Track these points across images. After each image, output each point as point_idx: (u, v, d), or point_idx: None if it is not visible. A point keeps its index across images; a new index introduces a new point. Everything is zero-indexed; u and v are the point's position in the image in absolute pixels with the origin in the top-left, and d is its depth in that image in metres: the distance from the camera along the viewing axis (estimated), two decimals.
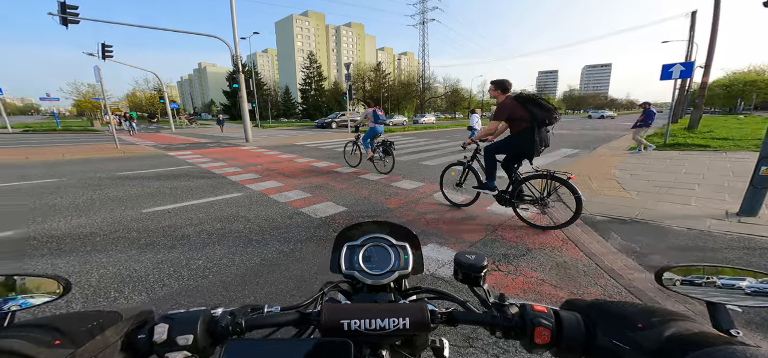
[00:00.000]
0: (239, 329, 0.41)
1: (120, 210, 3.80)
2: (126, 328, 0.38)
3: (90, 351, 0.33)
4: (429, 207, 4.03)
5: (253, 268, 2.38)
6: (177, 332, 0.38)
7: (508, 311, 0.43)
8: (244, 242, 2.85)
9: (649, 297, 1.96)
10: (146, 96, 53.31)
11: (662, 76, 8.51)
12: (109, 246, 2.76)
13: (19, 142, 12.97)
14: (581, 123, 30.70)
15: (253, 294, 2.05)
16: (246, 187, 5.10)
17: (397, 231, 0.66)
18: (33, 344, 0.31)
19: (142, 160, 8.06)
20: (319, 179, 5.73)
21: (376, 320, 0.39)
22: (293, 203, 4.14)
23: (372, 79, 48.81)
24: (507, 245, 2.77)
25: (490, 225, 3.26)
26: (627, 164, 6.52)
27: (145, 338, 0.38)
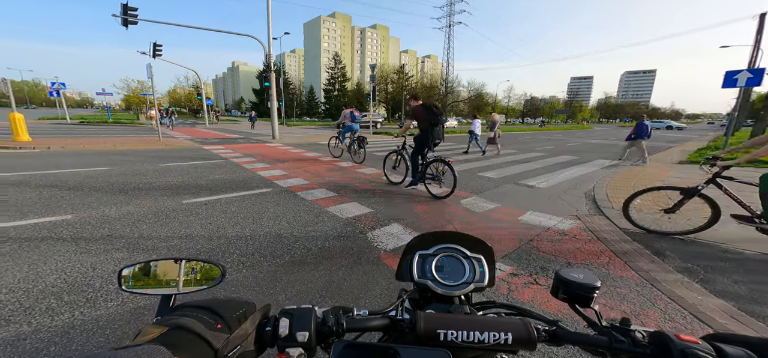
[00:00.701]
0: (341, 330, 0.41)
1: (163, 200, 4.06)
2: (258, 319, 0.41)
3: (238, 338, 0.36)
4: (457, 213, 3.90)
5: (283, 265, 2.41)
6: (296, 328, 0.39)
7: (635, 336, 0.38)
8: (274, 238, 2.91)
9: (720, 324, 1.72)
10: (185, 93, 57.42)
11: (725, 83, 7.68)
12: (154, 234, 2.95)
13: (75, 132, 14.44)
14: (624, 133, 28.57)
15: (284, 292, 2.06)
16: (274, 183, 5.26)
17: (471, 242, 0.63)
18: (203, 324, 0.34)
19: (181, 153, 8.64)
20: (344, 178, 5.78)
21: (475, 332, 0.38)
22: (319, 202, 4.20)
23: (395, 81, 48.89)
24: (544, 257, 2.60)
25: (524, 236, 3.09)
26: (677, 179, 5.93)
27: (271, 331, 0.40)
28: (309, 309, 0.41)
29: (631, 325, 0.40)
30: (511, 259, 2.59)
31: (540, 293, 2.06)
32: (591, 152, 11.35)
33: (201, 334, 0.33)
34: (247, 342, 0.38)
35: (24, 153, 7.67)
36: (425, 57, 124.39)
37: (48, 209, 3.49)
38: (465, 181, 5.78)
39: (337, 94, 53.56)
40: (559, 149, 12.26)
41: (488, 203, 4.30)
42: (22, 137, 9.32)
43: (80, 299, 1.89)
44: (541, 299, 2.00)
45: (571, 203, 4.43)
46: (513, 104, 76.32)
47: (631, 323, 0.40)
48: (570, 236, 3.09)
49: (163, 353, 0.27)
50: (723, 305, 1.89)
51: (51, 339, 1.55)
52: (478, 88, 59.22)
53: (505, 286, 2.15)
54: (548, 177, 6.38)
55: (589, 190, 5.16)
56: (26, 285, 2.00)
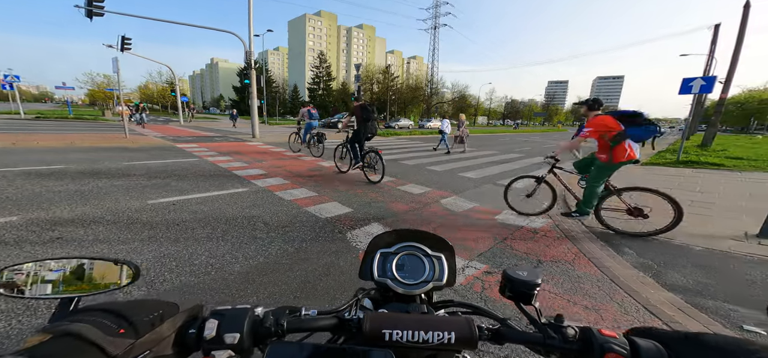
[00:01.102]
0: (281, 330, 0.40)
1: (125, 200, 3.80)
2: (180, 321, 0.38)
3: (148, 343, 0.33)
4: (438, 212, 3.96)
5: (256, 266, 2.34)
6: (225, 330, 0.37)
7: (567, 332, 0.39)
8: (248, 239, 2.81)
9: (668, 315, 1.86)
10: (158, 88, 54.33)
11: (681, 90, 8.32)
12: (112, 236, 2.75)
13: (30, 128, 13.23)
14: None
15: (256, 293, 2.01)
16: (252, 182, 5.09)
17: (432, 241, 0.63)
18: (100, 330, 0.31)
19: (150, 151, 8.13)
20: (325, 178, 5.70)
21: (419, 332, 0.38)
22: (298, 201, 4.11)
23: (380, 81, 48.97)
24: (517, 256, 2.69)
25: (499, 235, 3.18)
26: (639, 180, 6.36)
27: (195, 333, 0.37)
28: (244, 309, 0.39)
29: (564, 321, 0.41)
30: (486, 257, 2.65)
31: None
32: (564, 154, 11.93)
33: (94, 340, 0.30)
34: (162, 346, 0.35)
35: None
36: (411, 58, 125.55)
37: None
38: (446, 181, 5.89)
39: (321, 94, 52.81)
40: (535, 151, 12.81)
41: (467, 203, 4.40)
42: None
43: (19, 306, 1.72)
44: None
45: (544, 202, 4.62)
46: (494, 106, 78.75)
47: (563, 320, 0.42)
48: (541, 234, 3.22)
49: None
50: (672, 298, 2.04)
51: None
52: (461, 90, 60.64)
53: (479, 284, 2.20)
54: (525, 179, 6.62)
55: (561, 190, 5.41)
56: None
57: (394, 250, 0.60)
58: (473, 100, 64.13)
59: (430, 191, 5.04)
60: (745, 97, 48.08)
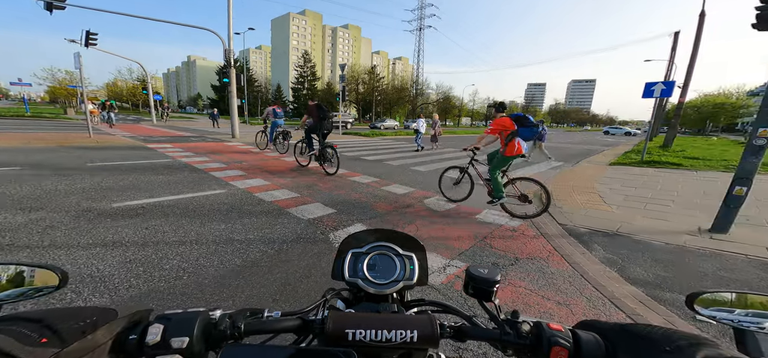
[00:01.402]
0: (238, 333, 0.39)
1: (87, 203, 3.54)
2: (118, 328, 0.36)
3: (77, 351, 0.32)
4: (421, 212, 4.00)
5: (233, 269, 2.26)
6: (172, 334, 0.36)
7: (521, 328, 0.41)
8: (225, 242, 2.71)
9: (631, 308, 1.99)
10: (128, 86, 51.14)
11: (644, 94, 8.93)
12: (71, 242, 2.55)
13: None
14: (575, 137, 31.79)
15: (232, 298, 1.94)
16: (230, 184, 4.91)
17: (404, 241, 0.64)
18: (16, 340, 0.29)
19: (117, 152, 7.63)
20: (308, 178, 5.60)
21: (382, 331, 0.38)
22: (279, 203, 4.01)
23: (366, 81, 48.87)
24: (496, 254, 2.77)
25: (479, 233, 3.27)
26: (607, 179, 6.78)
27: (136, 339, 0.36)
28: (197, 312, 0.38)
29: (520, 317, 0.43)
30: (467, 256, 2.72)
31: None
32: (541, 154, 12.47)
33: (8, 351, 0.28)
34: (96, 354, 0.33)
35: None
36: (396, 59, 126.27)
37: None
38: (430, 181, 5.97)
39: (306, 93, 51.89)
40: None
41: (449, 203, 4.48)
42: None
43: None
44: None
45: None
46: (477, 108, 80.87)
47: (519, 316, 0.43)
48: (519, 233, 3.34)
49: None
50: (635, 291, 2.18)
51: None
52: (446, 91, 61.73)
53: (460, 282, 2.25)
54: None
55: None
56: None
57: (365, 250, 0.60)
58: (457, 101, 65.50)
59: (413, 191, 5.09)
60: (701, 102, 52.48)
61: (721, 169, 7.83)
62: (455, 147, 14.00)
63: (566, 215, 3.92)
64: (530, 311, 1.93)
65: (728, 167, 7.92)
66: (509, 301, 2.04)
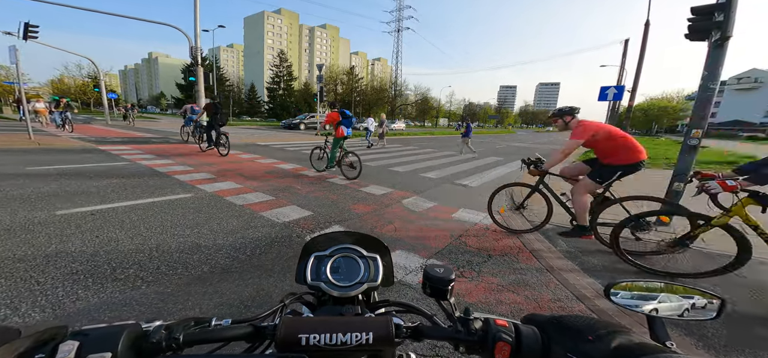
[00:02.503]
0: (175, 344, 0.37)
1: (25, 212, 3.14)
2: (21, 348, 0.32)
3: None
4: (399, 213, 4.02)
5: (199, 276, 2.11)
6: (90, 350, 0.33)
7: (472, 325, 0.42)
8: (190, 248, 2.53)
9: (582, 294, 2.14)
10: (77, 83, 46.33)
11: (600, 97, 9.76)
12: (5, 254, 2.24)
13: None
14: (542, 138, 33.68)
15: (198, 306, 1.81)
16: (197, 187, 4.60)
17: (368, 242, 0.63)
18: None
19: (62, 155, 6.85)
20: (284, 181, 5.41)
21: (337, 334, 0.37)
22: (253, 206, 3.83)
23: (344, 82, 48.39)
24: (470, 252, 2.85)
25: (455, 232, 3.35)
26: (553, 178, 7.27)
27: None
28: (123, 325, 0.35)
29: (471, 314, 0.44)
30: (442, 254, 2.77)
31: (464, 286, 2.24)
32: (513, 154, 13.14)
33: None
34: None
35: None
36: (375, 59, 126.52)
37: None
38: (408, 181, 6.03)
39: (282, 94, 50.23)
40: (488, 151, 13.87)
41: (427, 202, 4.55)
42: None
43: None
44: (464, 290, 2.18)
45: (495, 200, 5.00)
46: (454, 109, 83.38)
47: (471, 313, 0.44)
48: (492, 231, 3.48)
49: None
50: (593, 283, 2.35)
51: None
52: (424, 93, 62.91)
53: None
54: (479, 176, 7.12)
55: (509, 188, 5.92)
56: None
57: (328, 252, 0.60)
58: (435, 102, 67.07)
59: (392, 192, 5.11)
60: (647, 105, 58.36)
61: (663, 167, 8.75)
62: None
63: (535, 213, 4.15)
64: (502, 307, 2.00)
65: (670, 164, 8.87)
66: (482, 297, 2.10)
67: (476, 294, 2.13)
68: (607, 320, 0.39)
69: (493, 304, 2.02)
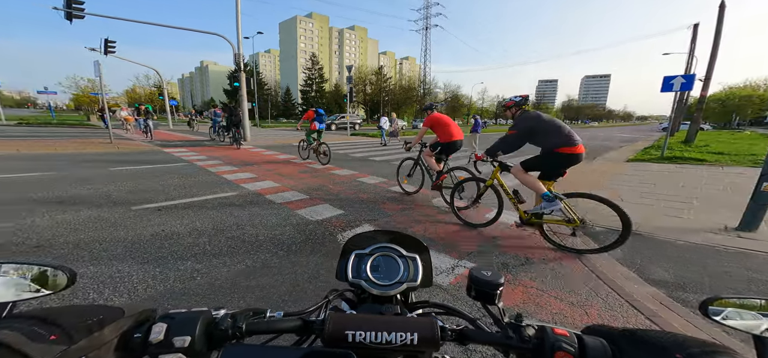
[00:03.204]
0: (239, 333, 0.40)
1: (108, 207, 3.70)
2: (125, 326, 0.37)
3: (84, 348, 0.33)
4: (428, 212, 3.96)
5: (244, 271, 2.30)
6: (175, 333, 0.36)
7: (524, 332, 0.40)
8: (237, 243, 2.77)
9: (651, 310, 1.90)
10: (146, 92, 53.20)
11: (663, 88, 8.54)
12: (93, 244, 2.66)
13: (11, 134, 12.77)
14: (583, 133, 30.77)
15: (243, 298, 1.97)
16: (241, 186, 5.02)
17: (407, 242, 0.64)
18: (27, 337, 0.30)
19: (136, 156, 7.95)
20: (317, 180, 5.66)
21: (382, 333, 0.38)
22: (289, 205, 4.06)
23: (373, 82, 48.99)
24: (506, 254, 2.71)
25: (488, 234, 3.21)
26: (625, 176, 6.52)
27: (141, 337, 0.37)
28: (199, 312, 0.39)
29: (524, 320, 0.42)
30: (474, 256, 2.67)
31: None
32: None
33: (19, 348, 0.29)
34: (102, 352, 0.34)
35: None
36: (403, 59, 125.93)
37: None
38: None
39: (314, 96, 52.51)
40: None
41: (457, 202, 4.41)
42: None
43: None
44: None
45: (532, 199, 4.68)
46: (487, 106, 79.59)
47: (523, 319, 0.42)
48: (529, 233, 3.26)
49: None
50: (655, 292, 2.09)
51: None
52: (454, 90, 61.06)
53: None
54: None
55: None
56: None
57: (368, 251, 0.60)
58: (466, 99, 64.65)
59: (421, 190, 5.04)
60: (725, 95, 49.69)
61: (749, 165, 7.40)
62: None
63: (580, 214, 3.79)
64: (542, 313, 1.88)
65: (757, 162, 7.47)
66: (520, 302, 1.98)
67: (512, 298, 2.02)
68: (701, 338, 0.34)
69: (533, 310, 1.90)
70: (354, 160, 8.42)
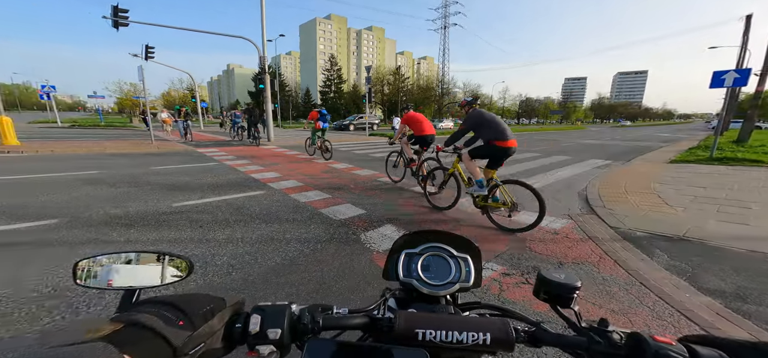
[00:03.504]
0: (317, 327, 0.41)
1: (153, 203, 4.00)
2: (227, 316, 0.40)
3: (202, 336, 0.35)
4: (453, 214, 3.90)
5: (274, 268, 2.38)
6: (268, 325, 0.38)
7: (612, 337, 0.37)
8: (266, 240, 2.88)
9: (707, 321, 1.74)
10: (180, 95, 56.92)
11: (713, 83, 7.77)
12: (142, 238, 2.89)
13: (66, 136, 14.19)
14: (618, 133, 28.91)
15: (275, 294, 2.05)
16: (267, 185, 5.22)
17: (457, 242, 0.63)
18: (163, 321, 0.33)
19: (173, 156, 8.53)
20: (338, 180, 5.76)
21: (453, 332, 0.38)
22: (313, 203, 4.17)
23: (391, 82, 49.00)
24: (537, 257, 2.60)
25: (517, 235, 3.09)
26: (669, 178, 6.02)
27: (241, 328, 0.39)
28: (284, 306, 0.40)
29: (609, 326, 0.40)
30: (503, 259, 2.59)
31: (526, 292, 2.06)
32: (584, 152, 11.47)
33: (159, 331, 0.31)
34: (214, 339, 0.37)
35: (12, 157, 7.52)
36: (421, 58, 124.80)
37: (34, 214, 3.41)
38: None
39: (333, 96, 53.45)
40: (552, 150, 12.37)
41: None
42: (10, 141, 9.14)
43: (61, 303, 1.84)
44: (532, 299, 1.99)
45: (564, 202, 4.46)
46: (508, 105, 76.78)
47: (608, 324, 0.40)
48: (562, 236, 3.10)
49: (110, 351, 0.26)
50: (710, 302, 1.90)
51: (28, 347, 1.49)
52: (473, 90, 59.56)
53: (497, 286, 2.15)
54: (542, 177, 6.42)
55: (582, 190, 5.21)
56: (7, 291, 1.94)
57: (419, 250, 0.60)
58: (486, 99, 62.81)
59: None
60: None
61: None
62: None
63: (618, 218, 3.56)
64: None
65: None
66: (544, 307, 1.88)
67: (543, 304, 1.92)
68: None
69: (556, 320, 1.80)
70: (374, 160, 8.48)
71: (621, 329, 0.39)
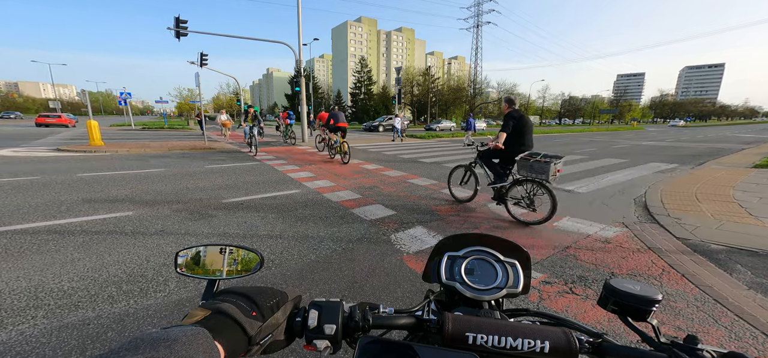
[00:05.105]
0: (367, 325, 0.41)
1: (207, 199, 4.44)
2: (289, 310, 0.42)
3: (270, 327, 0.37)
4: (485, 216, 3.73)
5: (309, 264, 2.48)
6: (324, 321, 0.39)
7: (703, 356, 0.34)
8: (301, 238, 3.02)
9: None
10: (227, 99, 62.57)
11: None
12: (198, 231, 3.23)
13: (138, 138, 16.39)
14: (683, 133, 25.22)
15: (309, 290, 2.12)
16: (303, 184, 5.49)
17: (504, 246, 0.61)
18: (241, 311, 0.35)
19: (224, 155, 9.42)
20: (368, 180, 5.85)
21: (507, 337, 0.36)
22: (345, 203, 4.29)
23: (420, 83, 48.50)
24: (582, 266, 2.38)
25: (559, 243, 2.86)
26: (753, 185, 5.10)
27: (300, 322, 0.41)
28: (337, 303, 0.41)
29: (699, 343, 0.36)
30: (543, 266, 2.42)
31: (576, 304, 1.89)
32: (643, 155, 10.21)
33: (238, 320, 0.34)
34: (278, 331, 0.39)
35: (98, 156, 8.89)
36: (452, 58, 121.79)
37: (114, 206, 4.00)
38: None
39: (363, 98, 54.39)
40: (602, 152, 11.19)
41: (519, 208, 4.05)
42: (96, 142, 10.80)
43: (135, 288, 2.10)
44: (578, 309, 1.84)
45: (617, 209, 4.02)
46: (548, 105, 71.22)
47: (698, 341, 0.36)
48: (614, 245, 2.80)
49: (205, 335, 0.29)
50: None
51: (109, 325, 1.72)
52: (508, 89, 56.43)
53: (536, 294, 2.01)
54: (589, 181, 5.86)
55: (640, 196, 4.64)
56: (93, 274, 2.25)
57: (462, 254, 0.59)
58: (523, 99, 59.03)
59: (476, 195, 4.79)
60: None
61: None
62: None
63: (687, 228, 3.11)
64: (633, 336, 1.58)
65: None
66: (604, 321, 1.71)
67: (592, 316, 1.76)
68: None
69: (621, 332, 1.62)
70: (403, 161, 8.47)
71: (714, 349, 0.35)
